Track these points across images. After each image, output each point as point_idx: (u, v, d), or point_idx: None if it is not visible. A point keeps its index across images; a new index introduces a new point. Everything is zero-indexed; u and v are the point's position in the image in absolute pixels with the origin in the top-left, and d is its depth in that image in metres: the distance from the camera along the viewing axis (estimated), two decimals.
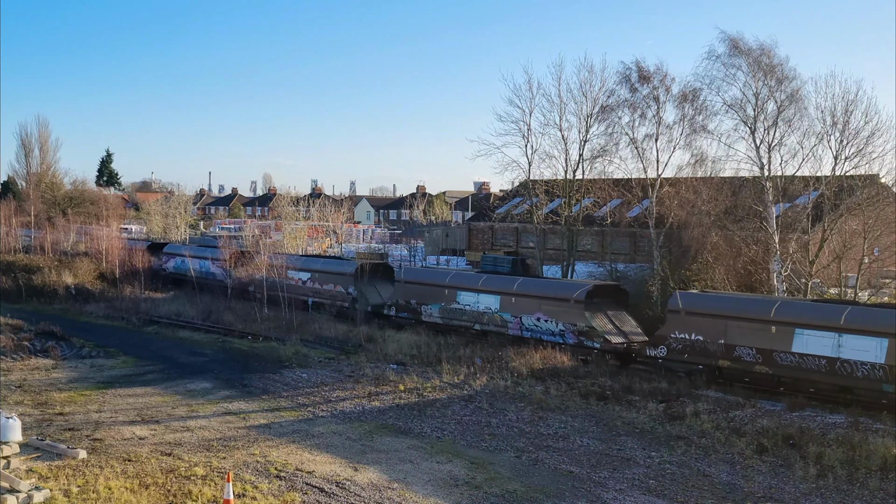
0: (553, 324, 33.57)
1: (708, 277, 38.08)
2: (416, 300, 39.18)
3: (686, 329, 29.26)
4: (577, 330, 32.68)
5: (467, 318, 36.78)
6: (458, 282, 37.95)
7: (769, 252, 35.00)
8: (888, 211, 35.17)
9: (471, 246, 63.44)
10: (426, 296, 38.76)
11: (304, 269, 47.10)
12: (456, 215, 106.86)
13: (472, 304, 36.60)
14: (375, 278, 44.17)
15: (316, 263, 47.61)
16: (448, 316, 37.58)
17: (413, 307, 39.30)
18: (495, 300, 35.73)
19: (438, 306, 38.06)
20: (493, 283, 36.44)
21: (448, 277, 38.48)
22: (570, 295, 33.32)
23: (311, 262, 48.28)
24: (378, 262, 47.97)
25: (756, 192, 35.85)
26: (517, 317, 34.78)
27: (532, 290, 34.86)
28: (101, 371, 30.37)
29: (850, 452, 20.15)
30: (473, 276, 38.70)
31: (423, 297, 38.92)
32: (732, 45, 36.05)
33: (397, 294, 40.62)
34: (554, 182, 49.03)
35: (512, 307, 35.04)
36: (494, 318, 35.66)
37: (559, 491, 18.06)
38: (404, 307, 39.80)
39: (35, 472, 17.72)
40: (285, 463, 19.40)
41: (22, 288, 50.91)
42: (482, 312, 36.13)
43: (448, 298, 37.65)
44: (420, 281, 39.79)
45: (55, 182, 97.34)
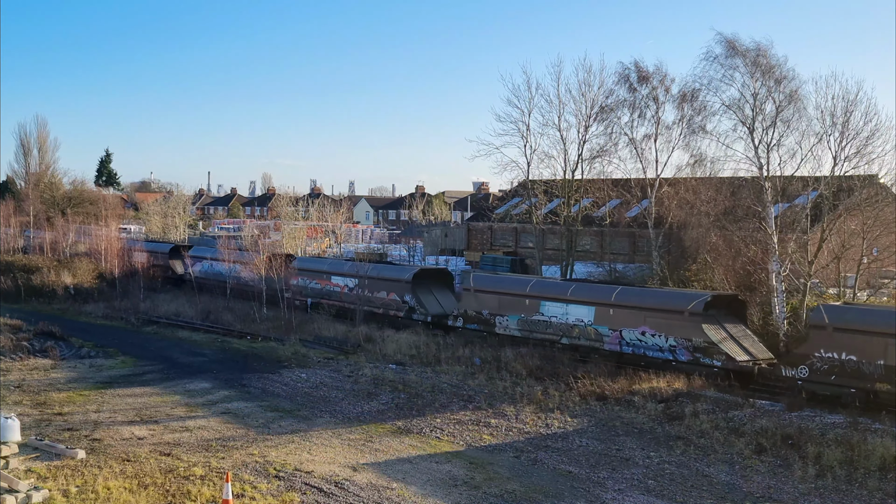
0: (661, 338, 30.14)
1: (707, 278, 38.11)
2: (489, 310, 35.78)
3: (834, 347, 25.95)
4: (692, 346, 29.21)
5: (553, 330, 33.25)
6: (541, 291, 34.38)
7: (768, 252, 34.98)
8: (887, 211, 35.18)
9: (470, 246, 63.47)
10: (501, 306, 35.36)
11: (350, 275, 43.66)
12: (455, 215, 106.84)
13: (559, 316, 33.11)
14: (433, 285, 41.22)
15: (365, 269, 43.56)
16: (529, 328, 34.06)
17: (485, 318, 35.93)
18: (589, 311, 32.29)
19: (517, 317, 34.58)
20: (587, 293, 33.07)
21: (529, 286, 34.95)
22: (685, 306, 29.86)
23: (360, 268, 44.12)
24: (436, 268, 44.93)
25: (755, 193, 35.84)
26: (616, 330, 31.38)
27: (636, 301, 31.41)
28: (100, 371, 30.36)
29: (849, 452, 20.16)
30: (561, 284, 35.25)
31: (497, 307, 35.49)
32: (729, 46, 36.07)
33: (466, 303, 37.17)
34: (553, 182, 49.05)
35: (610, 319, 31.63)
36: (587, 331, 32.23)
37: (558, 491, 18.06)
38: (474, 318, 36.40)
39: (34, 472, 17.72)
40: (284, 463, 19.40)
41: (21, 288, 50.89)
42: (572, 325, 32.68)
43: (529, 309, 34.15)
44: (494, 289, 36.09)
45: (54, 182, 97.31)
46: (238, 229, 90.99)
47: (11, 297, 49.10)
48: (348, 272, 44.05)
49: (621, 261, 49.89)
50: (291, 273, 46.27)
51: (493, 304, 35.73)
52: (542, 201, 50.18)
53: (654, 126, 42.15)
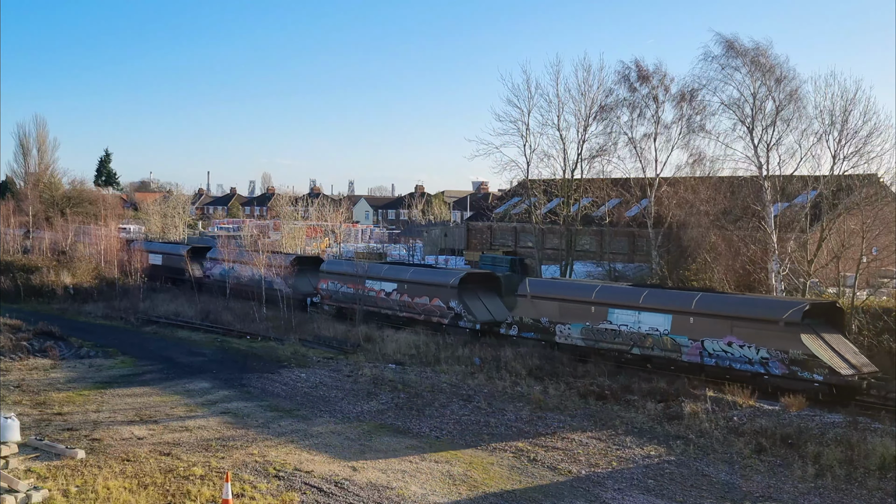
0: (751, 350, 27.61)
1: (706, 277, 38.12)
2: (549, 318, 33.32)
3: None
4: (788, 358, 26.72)
5: (622, 340, 30.82)
6: (609, 297, 31.84)
7: (767, 252, 35.03)
8: (887, 210, 35.20)
9: (469, 246, 63.48)
10: (563, 313, 32.89)
11: (388, 279, 41.39)
12: (454, 215, 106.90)
13: (629, 324, 30.67)
14: (480, 291, 38.88)
15: (405, 272, 41.47)
16: (594, 337, 31.67)
17: (543, 326, 33.45)
18: (665, 320, 29.83)
19: (580, 326, 32.12)
20: (663, 300, 30.44)
21: (595, 292, 32.48)
22: (779, 315, 27.19)
23: (400, 272, 42.08)
24: (483, 273, 42.16)
25: (754, 192, 35.89)
26: (697, 340, 28.88)
27: (721, 309, 28.78)
28: (100, 371, 30.35)
29: (849, 452, 20.16)
30: (632, 290, 32.21)
31: (557, 314, 33.07)
32: (728, 46, 36.13)
33: (522, 310, 34.55)
34: (552, 182, 49.07)
35: (690, 329, 29.08)
36: (663, 341, 29.75)
37: (558, 490, 18.06)
38: (531, 326, 33.91)
39: (33, 472, 17.71)
40: (284, 463, 19.39)
41: (20, 288, 50.87)
42: (645, 334, 30.21)
43: (595, 317, 31.68)
44: (554, 296, 33.61)
45: (53, 182, 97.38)
46: (237, 229, 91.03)
47: (11, 297, 49.08)
48: (386, 276, 41.73)
49: (621, 260, 49.91)
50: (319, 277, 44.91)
51: (553, 312, 33.25)
52: (542, 201, 50.20)
53: (654, 125, 42.20)
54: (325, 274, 44.81)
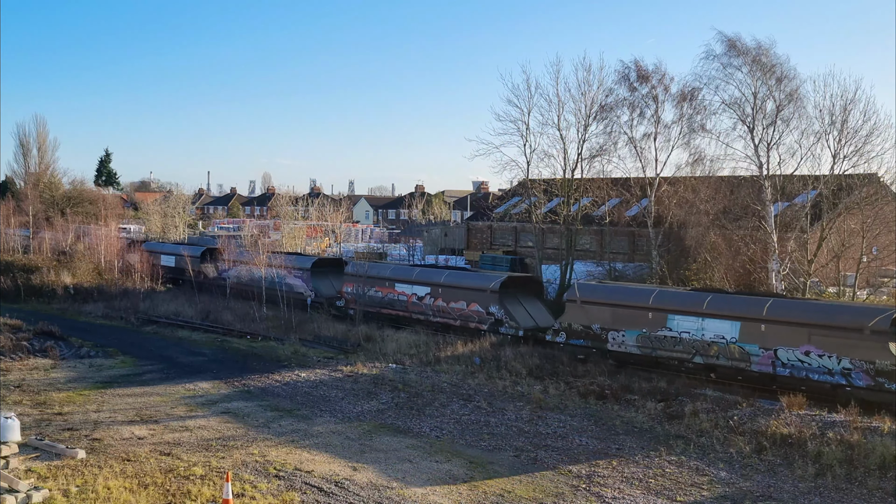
0: (832, 360, 25.90)
1: (707, 277, 38.12)
2: (601, 325, 31.45)
3: None
4: (874, 369, 24.99)
5: (683, 348, 29.04)
6: (669, 303, 30.02)
7: (768, 251, 35.03)
8: (887, 210, 35.23)
9: (469, 245, 63.46)
10: (616, 319, 31.07)
11: (420, 282, 39.62)
12: (454, 215, 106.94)
13: (692, 332, 28.83)
14: (521, 295, 37.09)
15: (440, 275, 39.43)
16: (651, 345, 29.86)
17: (595, 333, 31.61)
18: (732, 327, 28.01)
19: (636, 333, 30.26)
20: (729, 306, 28.67)
21: (653, 297, 30.51)
22: (865, 322, 25.33)
23: (433, 275, 39.91)
24: (524, 276, 40.28)
25: (754, 191, 35.89)
26: (768, 349, 27.13)
27: (797, 316, 26.97)
28: (100, 371, 30.37)
29: (849, 451, 20.16)
30: (694, 296, 30.28)
31: (610, 320, 31.21)
32: (729, 45, 36.12)
33: (571, 316, 32.61)
34: (552, 181, 49.06)
35: (761, 336, 27.27)
36: (730, 349, 27.93)
37: (558, 490, 18.07)
38: (581, 333, 32.09)
39: (34, 472, 17.72)
40: (284, 462, 19.40)
41: (20, 288, 50.89)
42: (709, 342, 28.42)
43: (652, 323, 29.86)
44: (607, 301, 31.71)
45: (53, 182, 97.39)
46: (238, 229, 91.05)
47: (11, 297, 49.10)
48: (418, 280, 39.83)
49: (621, 260, 49.88)
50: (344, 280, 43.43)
51: (606, 318, 31.41)
52: (542, 200, 50.19)
53: (654, 125, 42.19)
54: (351, 277, 43.17)
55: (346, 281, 43.30)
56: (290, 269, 45.95)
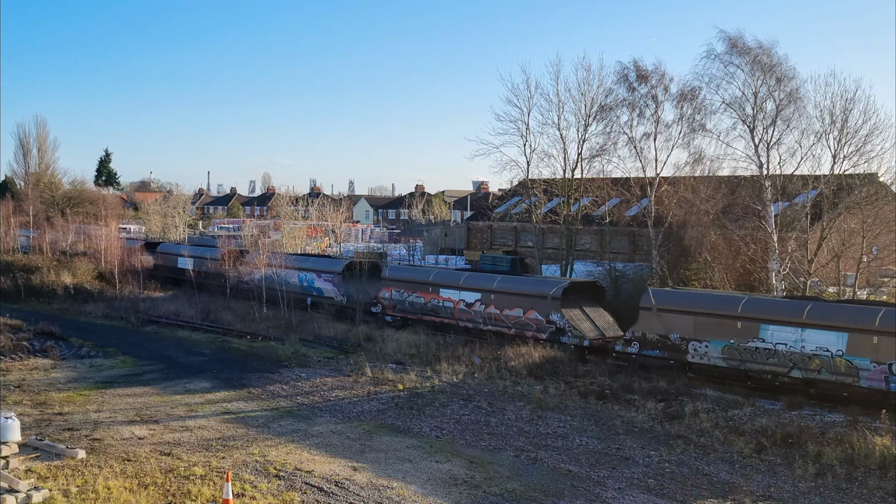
0: None
1: (707, 277, 38.10)
2: (680, 334, 29.24)
3: None
4: None
5: (778, 360, 26.69)
6: (762, 311, 27.66)
7: (768, 251, 35.00)
8: (887, 210, 35.20)
9: (469, 245, 63.44)
10: (699, 329, 28.85)
11: (469, 288, 37.22)
12: (454, 214, 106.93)
13: (789, 343, 26.50)
14: (582, 302, 34.66)
15: (491, 281, 36.80)
16: (740, 357, 27.57)
17: (673, 343, 29.47)
18: (838, 339, 25.61)
19: (722, 343, 28.01)
20: (834, 315, 26.19)
21: (742, 304, 28.12)
22: None
23: (484, 280, 37.22)
24: (586, 281, 37.61)
25: (754, 191, 35.86)
26: (882, 363, 24.71)
27: None
28: (100, 371, 30.37)
29: (849, 451, 20.18)
30: (790, 303, 27.63)
31: (692, 330, 29.03)
32: (731, 45, 36.09)
33: (645, 325, 30.40)
34: (552, 181, 49.05)
35: (873, 350, 24.91)
36: (835, 363, 25.61)
37: (558, 490, 18.07)
38: (657, 343, 29.98)
39: (34, 472, 17.72)
40: (284, 462, 19.40)
41: (21, 288, 50.91)
42: (810, 355, 26.09)
43: (742, 333, 27.56)
44: (687, 308, 29.52)
45: (53, 182, 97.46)
46: (238, 229, 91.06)
47: (11, 297, 49.12)
48: (467, 285, 37.35)
49: (621, 260, 49.86)
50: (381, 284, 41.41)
51: (686, 327, 29.12)
52: (542, 200, 50.19)
53: (654, 125, 42.16)
54: (389, 281, 40.99)
55: (383, 285, 41.28)
56: (320, 273, 44.41)
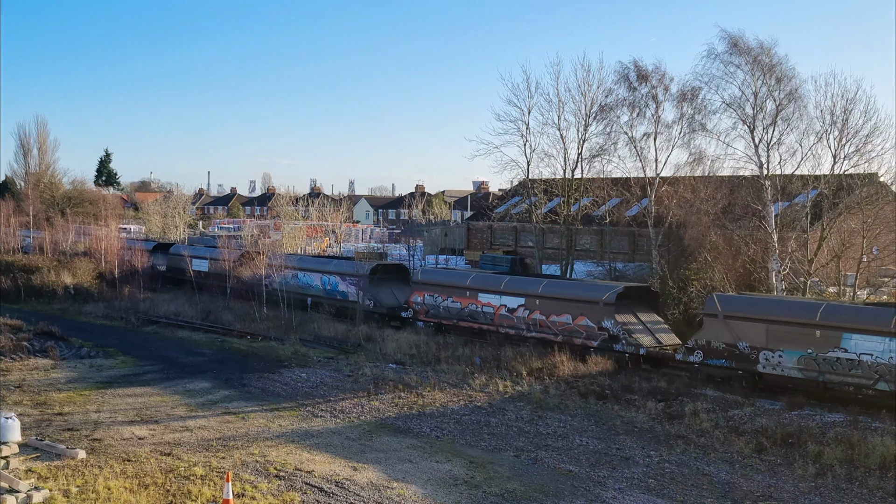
0: None
1: (707, 277, 38.11)
2: (750, 343, 27.42)
3: None
4: None
5: (863, 372, 24.89)
6: (843, 318, 25.74)
7: (768, 251, 35.01)
8: (887, 210, 35.21)
9: (469, 245, 63.48)
10: (772, 337, 26.97)
11: (511, 293, 35.37)
12: (455, 215, 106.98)
13: (876, 353, 24.61)
14: (635, 307, 32.90)
15: (536, 285, 35.05)
16: (819, 368, 25.82)
17: (741, 353, 27.61)
18: None
19: (798, 354, 26.21)
20: None
21: (821, 312, 26.22)
22: None
23: (527, 284, 35.59)
24: (639, 286, 35.72)
25: (755, 191, 35.87)
26: None
27: None
28: (100, 371, 30.36)
29: (849, 451, 20.17)
30: (876, 310, 25.90)
31: (763, 338, 27.14)
32: (732, 44, 36.10)
33: (710, 333, 28.56)
34: (552, 181, 49.09)
35: None
36: None
37: (558, 490, 18.06)
38: (723, 352, 28.10)
39: (34, 473, 17.71)
40: (284, 462, 19.40)
41: (21, 288, 50.90)
42: None
43: (821, 343, 25.70)
44: (758, 315, 27.55)
45: (54, 182, 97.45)
46: (238, 229, 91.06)
47: (11, 297, 49.10)
48: (509, 289, 35.54)
49: (621, 260, 49.90)
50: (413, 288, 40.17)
51: (758, 336, 27.32)
52: (542, 200, 50.22)
53: (654, 125, 42.20)
54: (422, 285, 39.35)
55: (414, 289, 39.85)
56: (344, 276, 42.95)
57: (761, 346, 27.22)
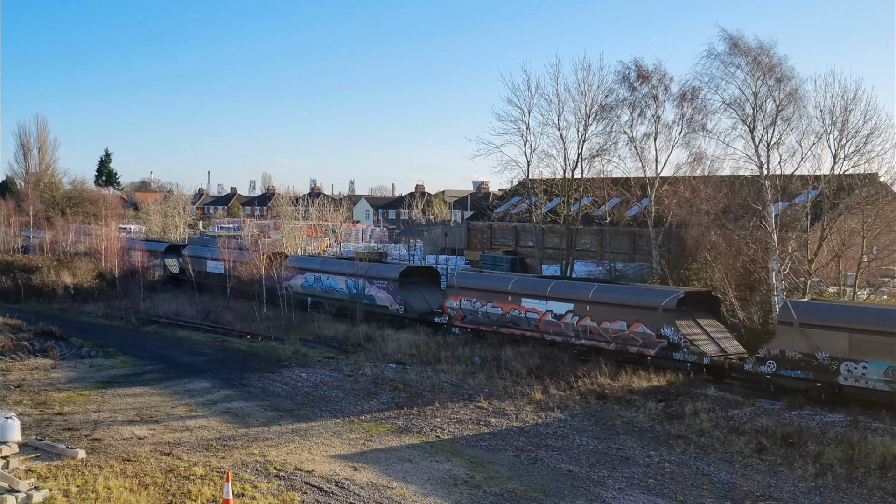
0: None
1: (707, 277, 38.11)
2: (830, 353, 25.60)
3: None
4: None
5: None
6: None
7: (768, 251, 34.98)
8: (887, 210, 35.19)
9: (469, 245, 63.45)
10: (854, 347, 25.10)
11: (558, 298, 33.71)
12: (455, 214, 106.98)
13: None
14: (695, 313, 31.24)
15: (585, 290, 33.53)
16: None
17: (820, 364, 25.84)
18: None
19: (885, 365, 24.30)
20: None
21: None
22: None
23: (577, 289, 34.01)
24: (699, 291, 34.08)
25: (755, 191, 35.84)
26: None
27: None
28: (100, 371, 30.36)
29: (849, 451, 20.16)
30: None
31: (846, 349, 25.29)
32: (732, 44, 36.05)
33: (785, 342, 26.91)
34: (553, 181, 49.08)
35: None
36: None
37: (558, 490, 18.06)
38: (799, 363, 26.45)
39: (34, 472, 17.72)
40: (284, 462, 19.40)
41: (21, 288, 50.91)
42: None
43: None
44: (840, 324, 25.61)
45: (54, 182, 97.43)
46: (238, 229, 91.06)
47: (11, 297, 49.11)
48: (555, 294, 33.74)
49: (621, 259, 49.90)
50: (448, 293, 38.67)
51: (839, 345, 25.48)
52: (542, 200, 50.21)
53: (654, 125, 42.21)
54: (458, 289, 37.70)
55: (449, 294, 38.35)
56: (373, 280, 41.79)
57: (843, 356, 25.40)
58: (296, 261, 47.28)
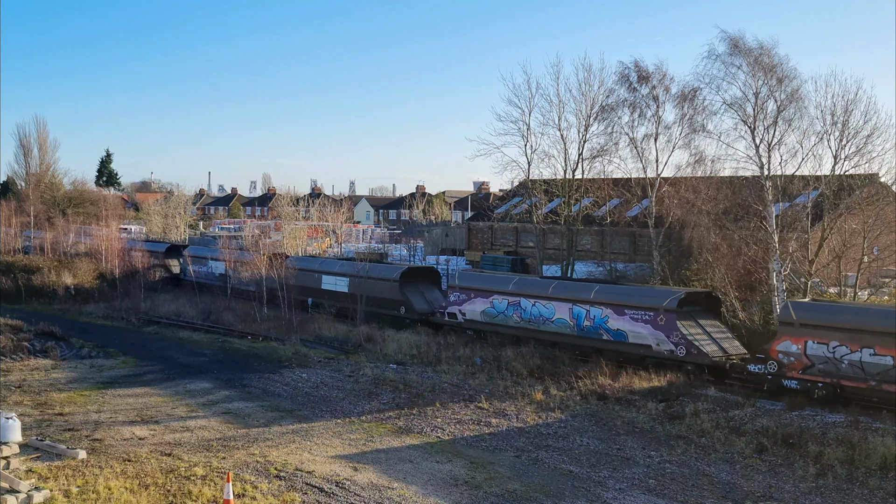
0: None
1: (708, 277, 38.07)
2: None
3: None
4: None
5: None
6: None
7: (769, 251, 34.95)
8: (888, 210, 35.15)
9: (470, 246, 63.44)
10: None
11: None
12: (455, 215, 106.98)
13: None
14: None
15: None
16: None
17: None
18: None
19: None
20: None
21: None
22: None
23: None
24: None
25: (755, 192, 35.80)
26: None
27: None
28: (101, 371, 30.37)
29: (850, 451, 20.16)
30: None
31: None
32: (732, 45, 36.02)
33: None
34: (553, 182, 49.04)
35: None
36: None
37: (559, 490, 18.05)
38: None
39: (35, 473, 17.72)
40: (285, 463, 19.40)
41: (21, 288, 50.92)
42: None
43: None
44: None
45: (54, 182, 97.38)
46: (238, 229, 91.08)
47: (12, 298, 49.11)
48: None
49: (622, 260, 49.88)
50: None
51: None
52: (543, 201, 50.17)
53: (655, 125, 42.16)
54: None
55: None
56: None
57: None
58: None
